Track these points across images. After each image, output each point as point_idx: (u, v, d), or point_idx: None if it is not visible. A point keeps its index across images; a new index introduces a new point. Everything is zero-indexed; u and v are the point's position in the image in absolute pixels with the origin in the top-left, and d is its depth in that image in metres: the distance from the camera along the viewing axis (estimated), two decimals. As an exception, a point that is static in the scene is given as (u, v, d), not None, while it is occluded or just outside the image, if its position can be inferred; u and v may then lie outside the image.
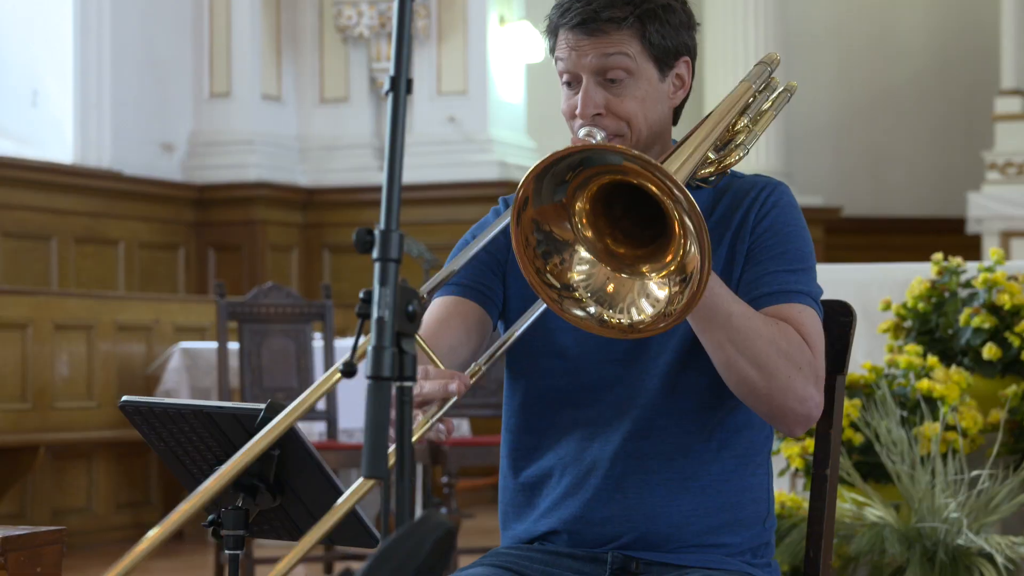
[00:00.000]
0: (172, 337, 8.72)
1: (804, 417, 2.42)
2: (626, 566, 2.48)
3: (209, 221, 10.79)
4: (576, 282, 2.26)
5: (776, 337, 2.38)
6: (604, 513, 2.50)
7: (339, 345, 7.47)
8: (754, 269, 2.49)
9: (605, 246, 2.27)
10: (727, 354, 2.37)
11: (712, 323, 2.35)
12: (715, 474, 2.50)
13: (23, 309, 7.92)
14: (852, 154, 12.62)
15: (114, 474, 8.58)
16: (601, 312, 2.24)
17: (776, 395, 2.38)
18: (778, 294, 2.46)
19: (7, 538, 2.61)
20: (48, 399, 7.98)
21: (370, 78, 10.99)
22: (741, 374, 2.38)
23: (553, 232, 2.24)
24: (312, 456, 2.40)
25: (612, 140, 2.48)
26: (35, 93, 10.02)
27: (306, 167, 11.09)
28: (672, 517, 2.49)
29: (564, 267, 2.26)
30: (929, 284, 4.93)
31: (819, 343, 2.45)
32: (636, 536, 2.48)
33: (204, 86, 10.81)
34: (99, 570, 7.47)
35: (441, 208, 10.48)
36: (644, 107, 2.49)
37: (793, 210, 2.54)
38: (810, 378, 2.40)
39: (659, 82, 2.51)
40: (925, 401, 4.62)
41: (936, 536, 4.42)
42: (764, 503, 2.56)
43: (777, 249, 2.49)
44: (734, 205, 2.53)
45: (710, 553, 2.50)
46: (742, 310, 2.37)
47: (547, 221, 2.24)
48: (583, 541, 2.51)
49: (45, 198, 9.65)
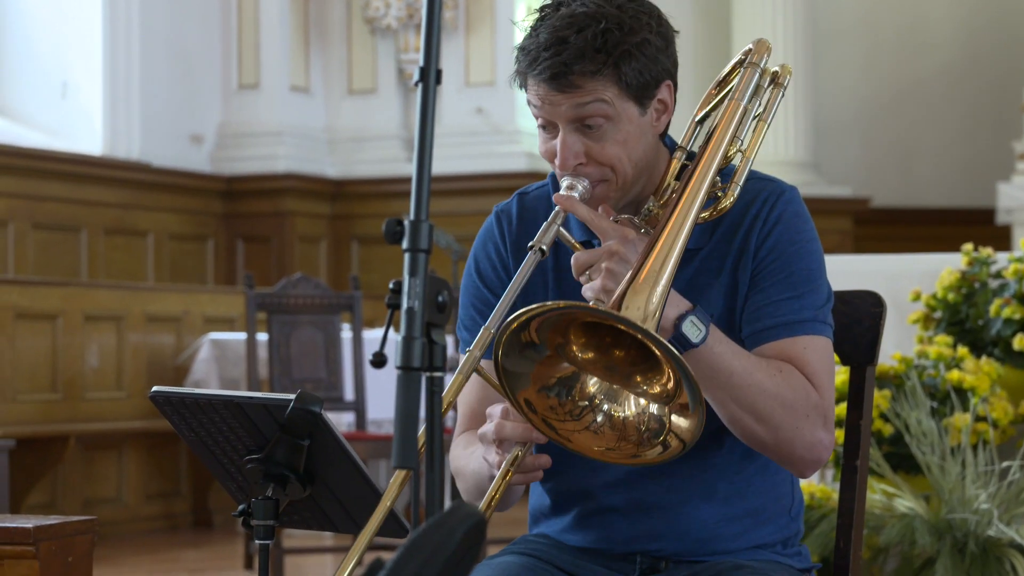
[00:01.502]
0: (201, 328, 8.75)
1: (813, 462, 2.40)
2: (655, 566, 2.48)
3: (238, 212, 10.81)
4: (594, 392, 2.26)
5: (780, 389, 2.33)
6: (628, 533, 2.48)
7: (367, 336, 7.48)
8: (757, 297, 2.41)
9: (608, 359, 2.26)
10: (731, 411, 2.34)
11: (714, 382, 2.31)
12: (737, 483, 2.48)
13: (53, 300, 7.95)
14: (881, 145, 12.57)
15: (144, 465, 8.61)
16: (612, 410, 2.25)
17: (784, 446, 2.36)
18: (781, 327, 2.39)
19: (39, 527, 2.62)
20: (78, 390, 8.01)
21: (398, 69, 10.99)
22: (746, 429, 2.35)
23: (559, 379, 2.25)
24: (342, 447, 2.40)
25: (596, 187, 2.39)
26: (64, 85, 10.05)
27: (334, 158, 11.10)
28: (698, 531, 2.47)
29: (583, 390, 2.25)
30: (959, 275, 4.91)
31: (826, 379, 2.39)
32: (664, 552, 2.48)
33: (232, 77, 10.83)
34: (129, 560, 7.50)
35: (469, 199, 10.47)
36: (627, 148, 2.38)
37: (799, 220, 2.44)
38: (817, 423, 2.36)
39: (640, 117, 2.39)
40: (955, 392, 4.60)
41: (966, 527, 4.41)
42: (788, 496, 2.54)
43: (781, 274, 2.41)
44: (735, 226, 2.43)
45: (740, 551, 2.49)
46: (743, 366, 2.31)
47: (545, 380, 2.24)
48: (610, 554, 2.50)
49: (75, 190, 9.68)
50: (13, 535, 2.62)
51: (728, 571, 2.43)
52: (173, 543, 8.23)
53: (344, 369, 7.27)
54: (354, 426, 7.21)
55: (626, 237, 2.30)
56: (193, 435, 2.52)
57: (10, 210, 9.25)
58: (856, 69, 12.47)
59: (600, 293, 2.27)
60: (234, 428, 2.47)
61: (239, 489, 2.55)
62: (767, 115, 2.49)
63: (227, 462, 2.53)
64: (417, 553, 1.44)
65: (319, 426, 2.41)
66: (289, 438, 2.41)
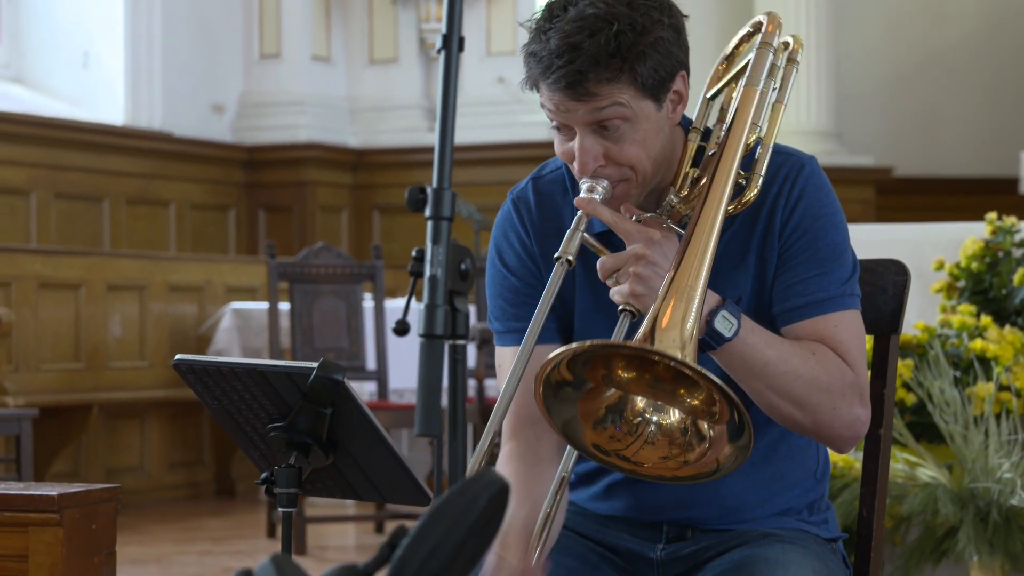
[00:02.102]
0: (223, 298, 8.76)
1: (852, 439, 2.40)
2: (682, 534, 2.48)
3: (259, 182, 10.82)
4: (643, 407, 2.25)
5: (815, 373, 2.33)
6: (656, 502, 2.49)
7: (389, 306, 7.49)
8: (785, 276, 2.41)
9: (646, 382, 2.25)
10: (768, 400, 2.35)
11: (749, 373, 2.31)
12: (762, 448, 2.48)
13: (76, 270, 7.97)
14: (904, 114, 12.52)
15: (166, 433, 8.64)
16: (660, 419, 2.24)
17: (823, 427, 2.37)
18: (811, 305, 2.39)
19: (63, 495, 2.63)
20: (101, 359, 8.04)
21: (419, 39, 10.97)
22: (784, 414, 2.36)
23: (607, 408, 2.23)
24: (365, 415, 2.40)
25: (617, 186, 2.36)
26: (86, 55, 10.05)
27: (356, 128, 11.10)
28: (725, 498, 2.48)
29: (633, 408, 2.24)
30: (983, 244, 4.90)
31: (859, 354, 2.39)
32: (692, 520, 2.48)
33: (254, 47, 10.83)
34: (152, 528, 7.53)
35: (491, 169, 10.46)
36: (646, 146, 2.36)
37: (821, 194, 2.42)
38: (854, 400, 2.37)
39: (656, 113, 2.36)
40: (978, 361, 4.59)
41: (989, 496, 4.40)
42: (813, 459, 2.55)
43: (807, 251, 2.40)
44: (757, 204, 2.41)
45: (766, 518, 2.49)
46: (777, 354, 2.32)
47: (594, 415, 2.22)
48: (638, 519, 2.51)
49: (97, 160, 9.70)
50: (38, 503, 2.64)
51: (755, 540, 2.44)
52: (196, 512, 8.27)
53: (366, 338, 7.28)
54: (376, 395, 7.22)
55: (651, 239, 2.29)
56: (216, 403, 2.53)
57: (33, 180, 9.26)
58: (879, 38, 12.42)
59: (629, 298, 2.27)
60: (257, 396, 2.47)
61: (262, 457, 2.55)
62: (783, 95, 2.47)
63: (250, 430, 2.54)
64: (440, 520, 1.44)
65: (342, 394, 2.41)
66: (312, 406, 2.42)
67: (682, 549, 2.47)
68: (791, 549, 2.40)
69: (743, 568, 2.37)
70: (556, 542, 2.46)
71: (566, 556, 2.46)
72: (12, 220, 9.16)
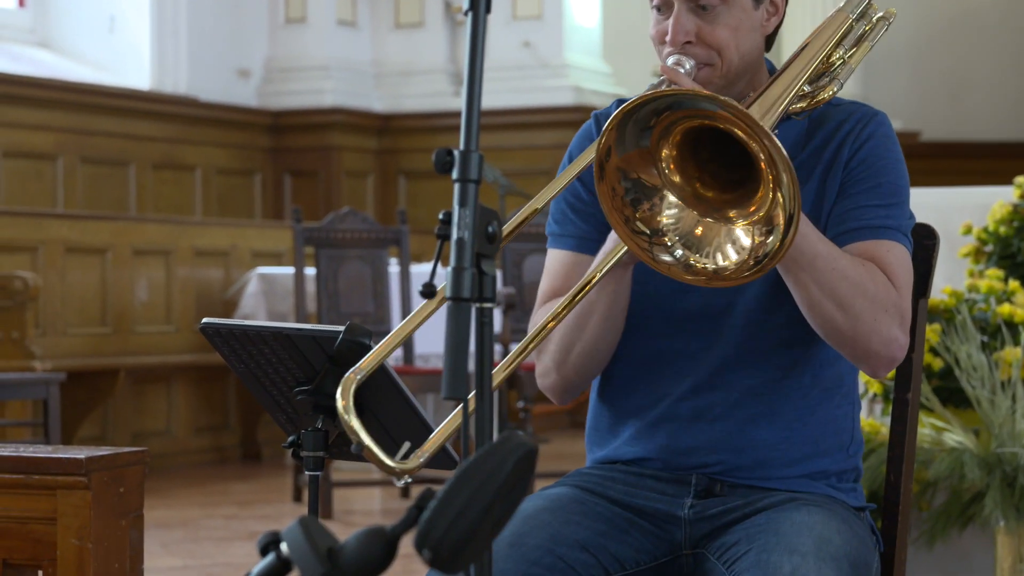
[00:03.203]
0: (249, 262, 8.78)
1: (888, 359, 2.40)
2: (711, 488, 2.48)
3: (285, 147, 10.82)
4: (665, 226, 2.24)
5: (862, 279, 2.35)
6: (689, 443, 2.49)
7: (415, 270, 7.49)
8: (844, 203, 2.45)
9: (694, 190, 2.24)
10: (812, 295, 2.34)
11: (797, 264, 2.32)
12: (801, 408, 2.49)
13: (103, 235, 7.99)
14: (931, 77, 12.46)
15: (193, 398, 8.67)
16: (688, 256, 2.22)
17: (861, 337, 2.36)
18: (866, 230, 2.42)
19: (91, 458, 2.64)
20: (128, 323, 8.06)
21: (445, 3, 10.94)
22: (825, 316, 2.35)
23: (641, 179, 2.22)
24: (391, 378, 2.40)
25: (701, 69, 2.43)
26: (112, 19, 10.06)
27: (381, 92, 11.09)
28: (757, 449, 2.48)
29: (653, 212, 2.23)
30: (1011, 208, 4.87)
31: (906, 283, 2.42)
32: (721, 467, 2.48)
33: (280, 12, 10.81)
34: (178, 492, 7.57)
35: (516, 134, 10.44)
36: (736, 36, 2.44)
37: (889, 141, 2.49)
38: (895, 319, 2.37)
39: (752, 10, 2.46)
40: (1006, 326, 4.57)
41: (1016, 461, 4.39)
42: (848, 433, 2.55)
43: (870, 183, 2.45)
44: (828, 138, 2.49)
45: (796, 479, 2.49)
46: (828, 251, 2.34)
47: (633, 168, 2.21)
48: (667, 467, 2.51)
49: (123, 124, 9.71)
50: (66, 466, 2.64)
51: (783, 503, 2.43)
52: (222, 476, 8.30)
53: (392, 303, 7.28)
54: (401, 360, 7.23)
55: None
56: (243, 367, 2.53)
57: (59, 145, 9.28)
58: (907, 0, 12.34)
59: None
60: (284, 360, 2.48)
61: (288, 421, 2.56)
62: (872, 35, 2.53)
63: (277, 394, 2.54)
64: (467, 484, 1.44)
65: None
66: (339, 369, 2.42)
67: (709, 508, 2.47)
68: (816, 511, 2.40)
69: (768, 529, 2.37)
70: (585, 506, 2.47)
71: (596, 521, 2.46)
72: (39, 185, 9.18)
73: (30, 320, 7.16)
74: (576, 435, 9.16)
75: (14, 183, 9.04)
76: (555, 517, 2.44)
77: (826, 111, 2.51)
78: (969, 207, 5.05)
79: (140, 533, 2.73)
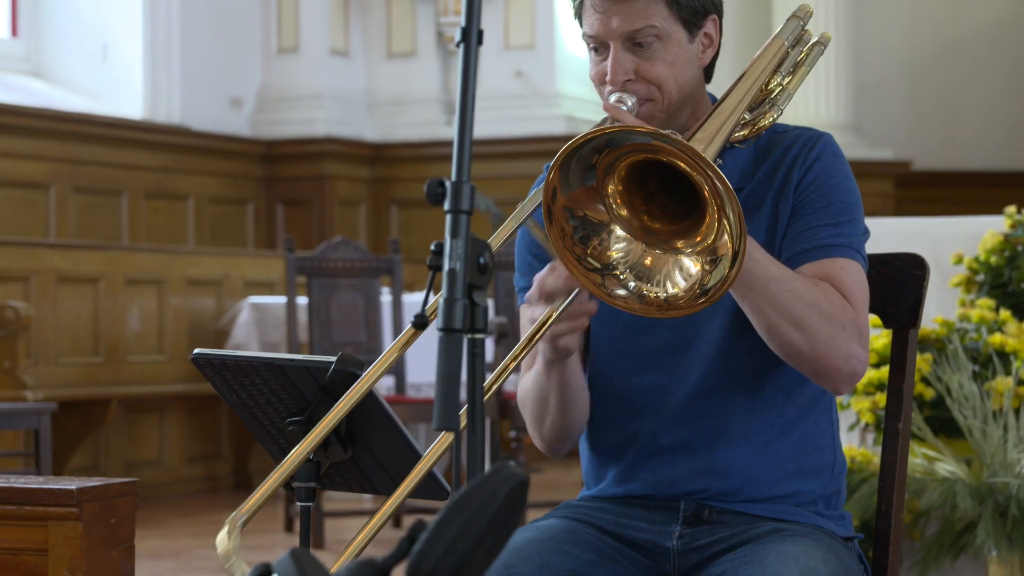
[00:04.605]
0: (242, 291, 8.77)
1: (849, 374, 2.41)
2: (699, 514, 2.50)
3: (278, 176, 10.83)
4: (616, 260, 2.27)
5: (817, 298, 2.37)
6: (672, 475, 2.52)
7: (407, 300, 7.49)
8: (796, 224, 2.48)
9: (641, 223, 2.27)
10: (768, 318, 2.37)
11: (752, 288, 2.35)
12: (778, 426, 2.52)
13: (95, 264, 7.99)
14: (923, 106, 12.49)
15: (185, 427, 8.66)
16: (640, 287, 2.25)
17: (821, 355, 2.39)
18: (819, 249, 2.45)
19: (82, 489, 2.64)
20: (120, 353, 8.05)
21: (437, 32, 10.97)
22: (784, 337, 2.38)
23: (588, 215, 2.25)
24: (383, 409, 2.40)
25: (643, 105, 2.47)
26: (105, 48, 10.07)
27: (374, 122, 11.10)
28: (740, 472, 2.50)
29: (603, 247, 2.27)
30: (1002, 237, 4.88)
31: (861, 298, 2.44)
32: (707, 493, 2.50)
33: (272, 41, 10.83)
34: (170, 522, 7.55)
35: (508, 163, 10.46)
36: (674, 70, 2.48)
37: (837, 160, 2.52)
38: (853, 336, 2.39)
39: (688, 43, 2.50)
40: (997, 355, 4.58)
41: (1008, 491, 4.39)
42: (829, 451, 2.57)
43: (820, 203, 2.48)
44: (776, 164, 2.52)
45: (782, 503, 2.50)
46: (781, 273, 2.36)
47: (580, 206, 2.24)
48: (655, 497, 2.52)
49: (115, 153, 9.71)
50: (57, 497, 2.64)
51: (768, 534, 2.44)
52: (214, 505, 8.28)
53: (384, 332, 7.28)
54: (394, 390, 7.22)
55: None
56: (235, 397, 2.53)
57: (52, 174, 9.28)
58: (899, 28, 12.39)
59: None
60: (275, 390, 2.48)
61: (280, 451, 2.55)
62: (808, 61, 2.58)
63: (268, 424, 2.54)
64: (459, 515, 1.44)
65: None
66: (330, 400, 2.42)
67: (697, 539, 2.48)
68: (801, 541, 2.41)
69: (754, 560, 2.38)
70: (575, 536, 2.47)
71: (585, 550, 2.47)
72: (31, 214, 9.18)
73: (22, 350, 7.15)
74: (569, 465, 9.15)
75: (6, 212, 9.04)
76: (545, 547, 2.45)
77: (772, 138, 2.55)
78: (960, 236, 5.06)
79: (131, 564, 2.72)
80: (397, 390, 7.20)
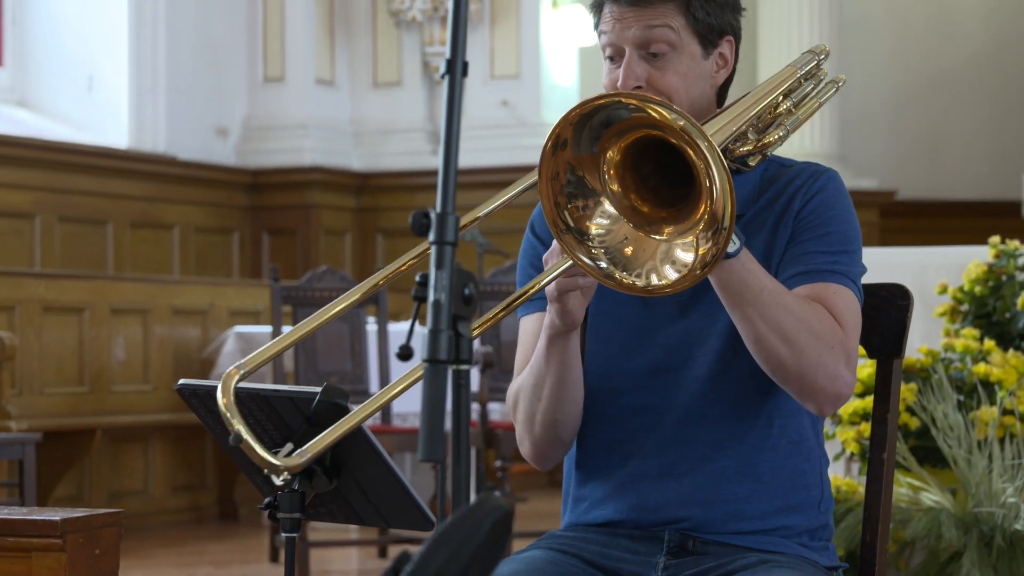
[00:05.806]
0: (227, 321, 8.76)
1: (834, 395, 2.41)
2: (683, 544, 2.48)
3: (263, 205, 10.82)
4: (592, 234, 2.27)
5: (807, 315, 2.38)
6: (658, 500, 2.50)
7: (393, 329, 7.48)
8: (794, 249, 2.50)
9: (630, 202, 2.28)
10: (757, 329, 2.37)
11: (743, 298, 2.35)
12: (771, 461, 2.50)
13: (80, 293, 7.97)
14: (907, 137, 12.53)
15: (170, 457, 8.63)
16: (613, 271, 2.25)
17: (807, 373, 2.38)
18: (814, 273, 2.46)
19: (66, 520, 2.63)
20: (105, 383, 8.03)
21: (423, 62, 10.99)
22: (771, 350, 2.38)
23: (585, 179, 2.27)
24: (368, 439, 2.40)
25: None
26: (91, 78, 10.07)
27: (360, 151, 11.11)
28: (727, 504, 2.49)
29: (584, 214, 2.27)
30: (986, 267, 4.89)
31: (853, 323, 2.45)
32: (691, 523, 2.49)
33: (258, 71, 10.84)
34: (155, 552, 7.52)
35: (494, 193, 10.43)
36: (686, 83, 2.50)
37: (840, 195, 2.53)
38: (840, 357, 2.40)
39: (702, 59, 2.52)
40: (982, 385, 4.58)
41: (993, 521, 4.39)
42: (817, 487, 2.55)
43: (819, 231, 2.49)
44: (779, 192, 2.53)
45: (768, 535, 2.49)
46: (774, 286, 2.37)
47: (582, 167, 2.26)
48: (639, 526, 2.51)
49: (101, 183, 9.71)
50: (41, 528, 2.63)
51: (753, 565, 2.44)
52: (199, 536, 8.26)
53: (369, 362, 7.27)
54: (379, 420, 7.22)
55: None
56: (220, 428, 2.52)
57: (37, 203, 9.27)
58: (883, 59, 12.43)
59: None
60: (260, 421, 2.47)
61: (265, 482, 2.55)
62: (819, 94, 2.61)
63: (253, 455, 2.53)
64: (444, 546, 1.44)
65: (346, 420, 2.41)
66: (315, 431, 2.41)
67: (682, 569, 2.47)
68: (786, 572, 2.40)
69: (739, 592, 2.38)
70: (559, 568, 2.46)
71: (569, 582, 2.46)
72: (16, 243, 9.17)
73: (6, 380, 7.13)
74: (554, 494, 9.13)
75: (-9, 242, 9.03)
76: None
77: (778, 170, 2.56)
78: (945, 266, 5.07)
79: (116, 595, 2.71)
80: (383, 420, 7.19)
